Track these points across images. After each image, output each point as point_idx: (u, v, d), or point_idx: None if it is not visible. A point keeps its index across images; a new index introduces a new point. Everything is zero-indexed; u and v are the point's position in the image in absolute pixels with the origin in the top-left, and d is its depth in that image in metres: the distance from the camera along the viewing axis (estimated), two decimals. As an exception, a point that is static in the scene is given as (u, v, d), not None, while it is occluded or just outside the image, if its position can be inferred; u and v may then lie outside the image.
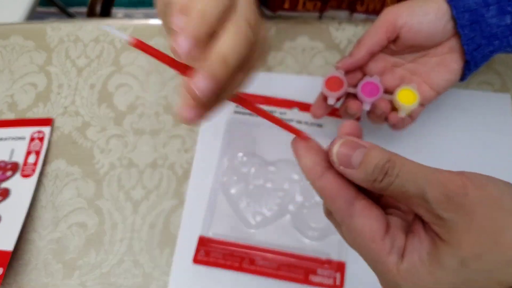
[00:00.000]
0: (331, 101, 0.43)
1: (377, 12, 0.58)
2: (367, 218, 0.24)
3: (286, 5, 0.61)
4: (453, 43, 0.43)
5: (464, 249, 0.22)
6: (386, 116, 0.44)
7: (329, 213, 0.28)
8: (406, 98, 0.42)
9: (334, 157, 0.25)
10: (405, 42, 0.43)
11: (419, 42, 0.43)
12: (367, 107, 0.43)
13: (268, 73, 0.58)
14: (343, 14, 0.61)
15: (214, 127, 0.55)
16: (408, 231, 0.25)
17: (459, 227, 0.22)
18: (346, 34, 0.59)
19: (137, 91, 0.58)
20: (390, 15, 0.42)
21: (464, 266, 0.22)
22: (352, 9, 0.60)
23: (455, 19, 0.41)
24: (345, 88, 0.43)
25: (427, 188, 0.22)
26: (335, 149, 0.25)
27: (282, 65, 0.58)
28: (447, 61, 0.43)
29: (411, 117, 0.45)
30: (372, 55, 0.44)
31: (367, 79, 0.43)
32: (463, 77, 0.44)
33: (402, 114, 0.43)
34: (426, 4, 0.42)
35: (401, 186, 0.23)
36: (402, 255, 0.24)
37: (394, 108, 0.44)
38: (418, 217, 0.25)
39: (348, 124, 0.27)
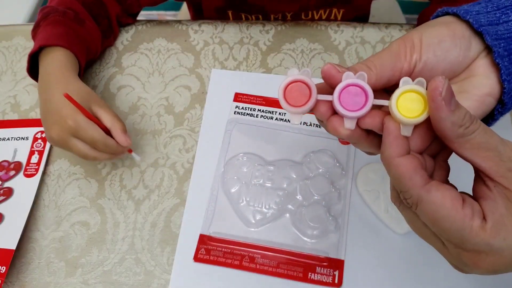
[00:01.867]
0: (295, 120, 0.30)
1: None
2: (445, 190, 0.26)
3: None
4: (477, 66, 0.32)
5: None
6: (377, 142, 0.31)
7: (397, 198, 0.29)
8: (410, 106, 0.27)
9: (444, 90, 0.26)
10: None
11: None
12: (350, 125, 0.29)
13: (268, 74, 0.59)
14: None
15: (214, 127, 0.55)
16: (477, 198, 0.27)
17: None
18: (345, 35, 0.60)
19: (139, 92, 0.59)
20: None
21: None
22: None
23: (488, 47, 0.31)
24: (314, 99, 0.29)
25: (500, 144, 0.26)
26: (445, 84, 0.26)
27: (281, 66, 0.59)
28: (467, 88, 0.32)
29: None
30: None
31: (347, 79, 0.28)
32: (492, 118, 0.34)
33: (404, 132, 0.28)
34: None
35: (481, 136, 0.26)
36: (483, 218, 0.26)
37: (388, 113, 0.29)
38: (481, 184, 0.27)
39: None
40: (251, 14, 0.65)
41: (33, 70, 0.55)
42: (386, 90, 0.32)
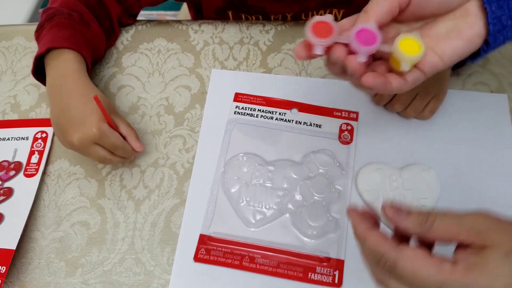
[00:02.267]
0: (318, 50, 0.36)
1: None
2: (414, 247, 0.31)
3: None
4: (470, 6, 0.36)
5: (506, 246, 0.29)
6: (386, 81, 0.36)
7: (378, 277, 0.33)
8: (409, 48, 0.35)
9: (390, 211, 0.33)
10: (414, 11, 0.38)
11: (431, 10, 0.37)
12: (362, 58, 0.36)
13: (268, 74, 0.59)
14: None
15: (215, 127, 0.55)
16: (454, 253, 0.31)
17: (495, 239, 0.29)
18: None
19: (139, 92, 0.59)
20: None
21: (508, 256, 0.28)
22: None
23: None
24: (335, 36, 0.36)
25: (458, 218, 0.31)
26: (391, 206, 0.33)
27: (281, 66, 0.59)
28: (460, 27, 0.36)
29: (406, 80, 0.37)
30: (381, 27, 0.37)
31: (361, 25, 0.36)
32: (476, 55, 0.38)
33: (404, 67, 0.35)
34: None
35: (441, 220, 0.31)
36: (453, 263, 0.29)
37: (391, 70, 0.38)
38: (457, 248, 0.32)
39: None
40: (251, 15, 0.65)
41: (37, 72, 0.55)
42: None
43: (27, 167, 0.55)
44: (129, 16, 0.63)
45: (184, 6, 0.97)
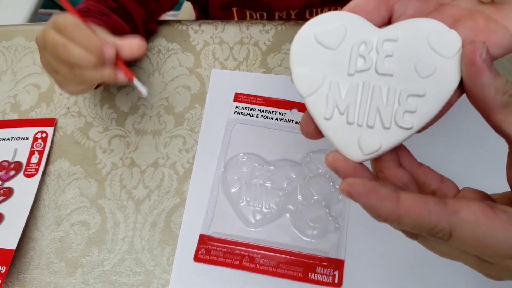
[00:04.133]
0: None
1: None
2: (469, 204, 0.23)
3: None
4: None
5: None
6: None
7: (414, 235, 0.26)
8: None
9: (484, 53, 0.24)
10: None
11: None
12: None
13: (268, 75, 0.59)
14: None
15: (214, 127, 0.55)
16: None
17: None
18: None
19: (139, 93, 0.59)
20: None
21: None
22: None
23: None
24: None
25: None
26: (484, 47, 0.24)
27: (281, 66, 0.59)
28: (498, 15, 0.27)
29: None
30: None
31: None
32: None
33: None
34: None
35: None
36: None
37: None
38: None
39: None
40: (256, 11, 0.65)
41: None
42: None
43: (27, 167, 0.55)
44: (153, 21, 0.62)
45: (185, 6, 0.97)
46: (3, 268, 0.48)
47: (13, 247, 0.49)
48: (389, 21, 0.28)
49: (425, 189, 0.28)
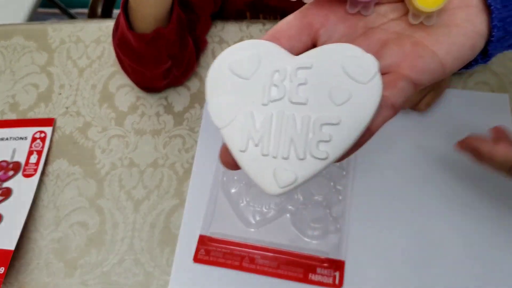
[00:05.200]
0: None
1: None
2: None
3: None
4: None
5: None
6: None
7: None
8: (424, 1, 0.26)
9: None
10: None
11: None
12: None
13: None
14: None
15: (214, 126, 0.55)
16: None
17: None
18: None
19: (138, 92, 0.59)
20: None
21: None
22: None
23: None
24: None
25: None
26: None
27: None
28: (458, 21, 0.27)
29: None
30: None
31: None
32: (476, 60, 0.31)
33: (412, 21, 0.27)
34: None
35: None
36: None
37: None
38: None
39: None
40: (271, 17, 0.64)
41: None
42: None
43: (26, 167, 0.54)
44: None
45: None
46: (2, 269, 0.47)
47: (12, 247, 0.48)
48: (313, 47, 0.27)
49: None
